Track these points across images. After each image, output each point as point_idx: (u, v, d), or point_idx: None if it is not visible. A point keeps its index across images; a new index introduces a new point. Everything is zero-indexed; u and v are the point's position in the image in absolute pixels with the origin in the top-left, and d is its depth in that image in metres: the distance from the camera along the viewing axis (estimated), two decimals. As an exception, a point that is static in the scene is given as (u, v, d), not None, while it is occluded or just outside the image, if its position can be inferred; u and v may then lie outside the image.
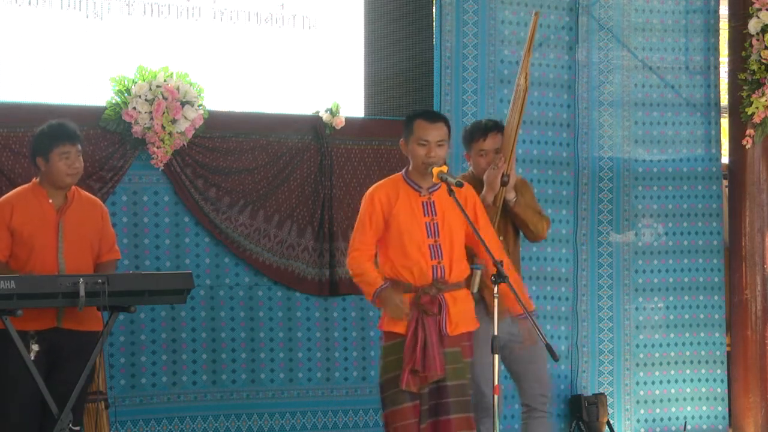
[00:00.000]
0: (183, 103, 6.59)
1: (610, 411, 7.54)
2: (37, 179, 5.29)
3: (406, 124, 5.21)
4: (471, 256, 5.34)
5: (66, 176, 5.21)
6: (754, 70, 7.55)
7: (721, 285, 7.87)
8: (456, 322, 5.09)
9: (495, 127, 5.60)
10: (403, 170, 5.22)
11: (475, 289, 5.32)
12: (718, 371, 7.82)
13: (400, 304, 5.01)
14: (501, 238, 5.39)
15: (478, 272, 5.32)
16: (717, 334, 7.84)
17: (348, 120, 7.11)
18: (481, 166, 5.55)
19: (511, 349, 5.44)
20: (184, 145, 6.65)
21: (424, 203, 5.13)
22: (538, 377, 5.58)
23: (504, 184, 5.42)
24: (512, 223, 5.60)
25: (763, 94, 7.51)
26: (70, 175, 5.22)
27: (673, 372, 7.74)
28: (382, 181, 5.28)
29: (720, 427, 7.79)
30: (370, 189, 5.24)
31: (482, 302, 5.38)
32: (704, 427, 7.77)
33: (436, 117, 5.23)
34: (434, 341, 5.00)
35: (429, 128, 5.12)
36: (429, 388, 5.03)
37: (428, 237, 5.09)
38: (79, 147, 5.26)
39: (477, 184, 5.52)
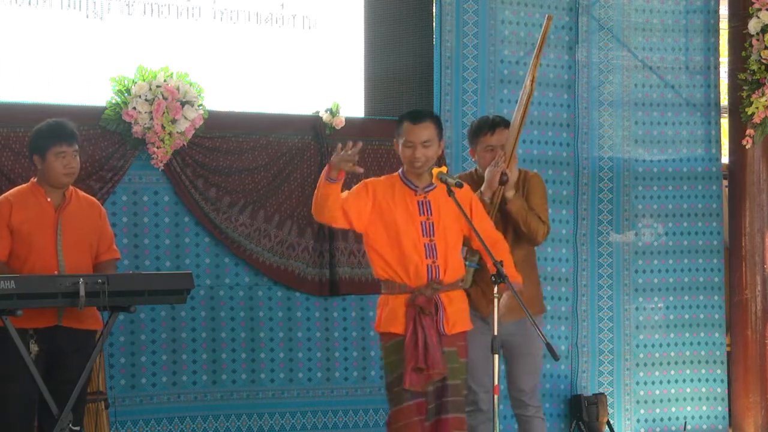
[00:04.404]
0: (183, 103, 6.59)
1: (610, 411, 7.54)
2: (35, 178, 5.30)
3: (396, 125, 5.18)
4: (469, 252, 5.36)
5: (62, 176, 5.21)
6: (754, 70, 7.55)
7: (721, 285, 7.87)
8: (453, 321, 5.07)
9: (502, 122, 5.59)
10: (400, 169, 5.21)
11: (467, 285, 5.33)
12: (718, 371, 7.82)
13: (344, 155, 4.81)
14: None
15: (471, 269, 5.33)
16: (717, 334, 7.84)
17: (348, 120, 7.11)
18: (486, 161, 5.50)
19: (508, 344, 5.45)
20: (184, 145, 6.65)
21: (420, 202, 5.10)
22: (532, 370, 5.58)
23: (503, 182, 5.40)
24: (513, 222, 5.59)
25: (763, 94, 7.51)
26: (66, 174, 5.22)
27: (673, 372, 7.74)
28: (380, 177, 5.25)
29: (720, 427, 7.79)
30: (367, 179, 5.19)
31: (470, 299, 5.37)
32: (704, 427, 7.78)
33: (421, 117, 5.14)
34: (434, 339, 4.99)
35: (413, 129, 5.06)
36: (434, 386, 5.02)
37: (423, 236, 5.04)
38: (76, 147, 5.26)
39: (479, 181, 5.52)
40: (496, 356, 4.80)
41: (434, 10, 7.42)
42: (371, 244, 5.13)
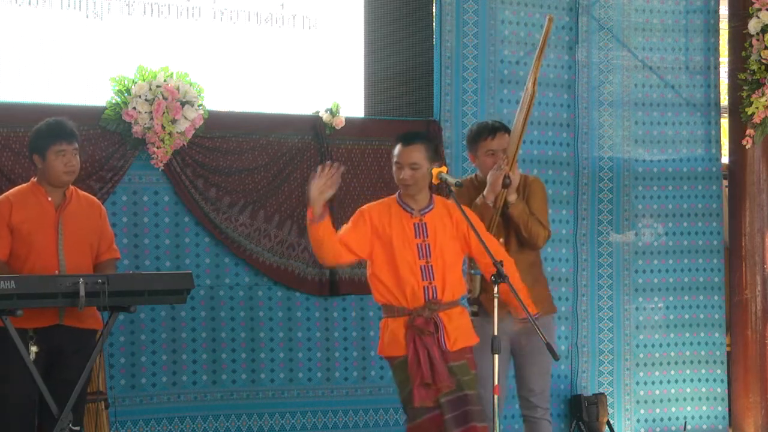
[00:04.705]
0: (183, 103, 6.59)
1: (610, 411, 7.54)
2: (35, 178, 5.29)
3: (393, 144, 5.22)
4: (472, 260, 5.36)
5: (62, 174, 5.21)
6: (754, 70, 7.55)
7: (721, 285, 7.87)
8: (454, 337, 5.09)
9: (502, 127, 5.61)
10: (397, 193, 5.24)
11: (477, 293, 5.34)
12: (718, 371, 7.82)
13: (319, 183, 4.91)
14: (501, 240, 5.39)
15: (478, 277, 5.34)
16: (717, 334, 7.85)
17: (348, 120, 7.11)
18: (488, 166, 5.51)
19: (518, 343, 5.46)
20: (184, 145, 6.66)
21: (416, 225, 5.13)
22: (542, 371, 5.59)
23: (506, 186, 5.41)
24: (514, 226, 5.59)
25: (763, 94, 7.51)
26: (66, 173, 5.21)
27: (673, 372, 7.75)
28: (375, 202, 5.28)
29: (720, 427, 7.79)
30: (363, 206, 5.25)
31: (482, 307, 5.39)
32: (704, 427, 7.78)
33: (411, 139, 5.17)
34: (437, 355, 5.00)
35: (402, 151, 5.12)
36: (448, 397, 5.02)
37: (419, 258, 5.08)
38: (76, 145, 5.26)
39: (480, 186, 5.52)
40: (496, 356, 4.81)
41: (434, 10, 7.42)
42: (372, 268, 5.17)
